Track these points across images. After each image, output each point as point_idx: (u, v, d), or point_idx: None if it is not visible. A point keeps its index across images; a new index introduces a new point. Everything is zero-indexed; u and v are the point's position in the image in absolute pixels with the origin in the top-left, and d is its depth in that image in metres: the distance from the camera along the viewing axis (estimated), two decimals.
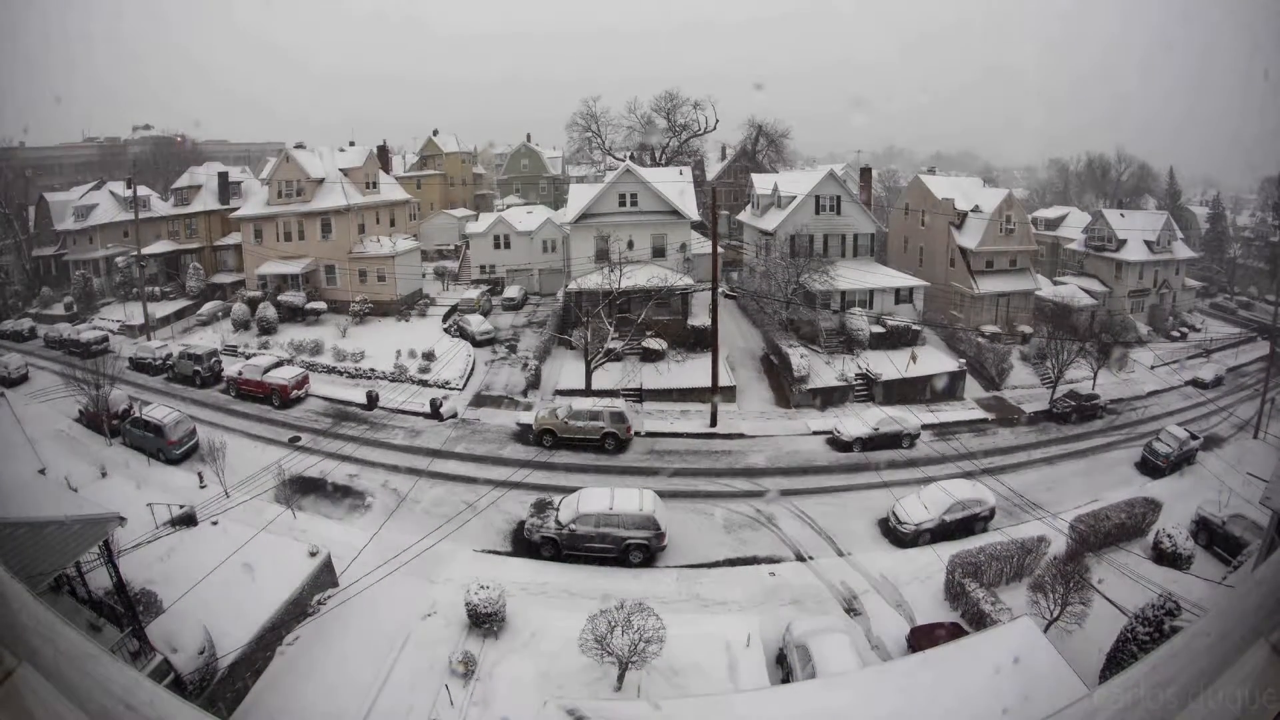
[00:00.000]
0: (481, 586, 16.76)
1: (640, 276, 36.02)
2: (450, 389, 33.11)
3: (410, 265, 45.32)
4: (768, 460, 27.50)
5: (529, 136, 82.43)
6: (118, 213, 51.54)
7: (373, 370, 34.84)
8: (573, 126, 65.81)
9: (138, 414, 27.29)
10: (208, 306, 44.35)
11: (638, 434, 28.48)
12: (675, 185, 41.03)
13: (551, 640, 16.11)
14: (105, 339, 39.81)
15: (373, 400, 31.26)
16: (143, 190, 49.29)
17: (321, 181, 44.00)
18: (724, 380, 31.65)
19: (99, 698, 1.91)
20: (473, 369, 35.53)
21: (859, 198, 43.06)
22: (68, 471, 22.63)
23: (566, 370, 34.18)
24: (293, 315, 41.21)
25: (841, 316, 37.66)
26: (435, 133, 75.10)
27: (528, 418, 29.38)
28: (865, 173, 48.94)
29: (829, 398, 32.70)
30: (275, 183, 44.41)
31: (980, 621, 17.32)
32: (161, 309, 44.28)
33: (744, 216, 49.76)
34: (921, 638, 16.55)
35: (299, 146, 47.35)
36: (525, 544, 21.17)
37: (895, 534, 22.48)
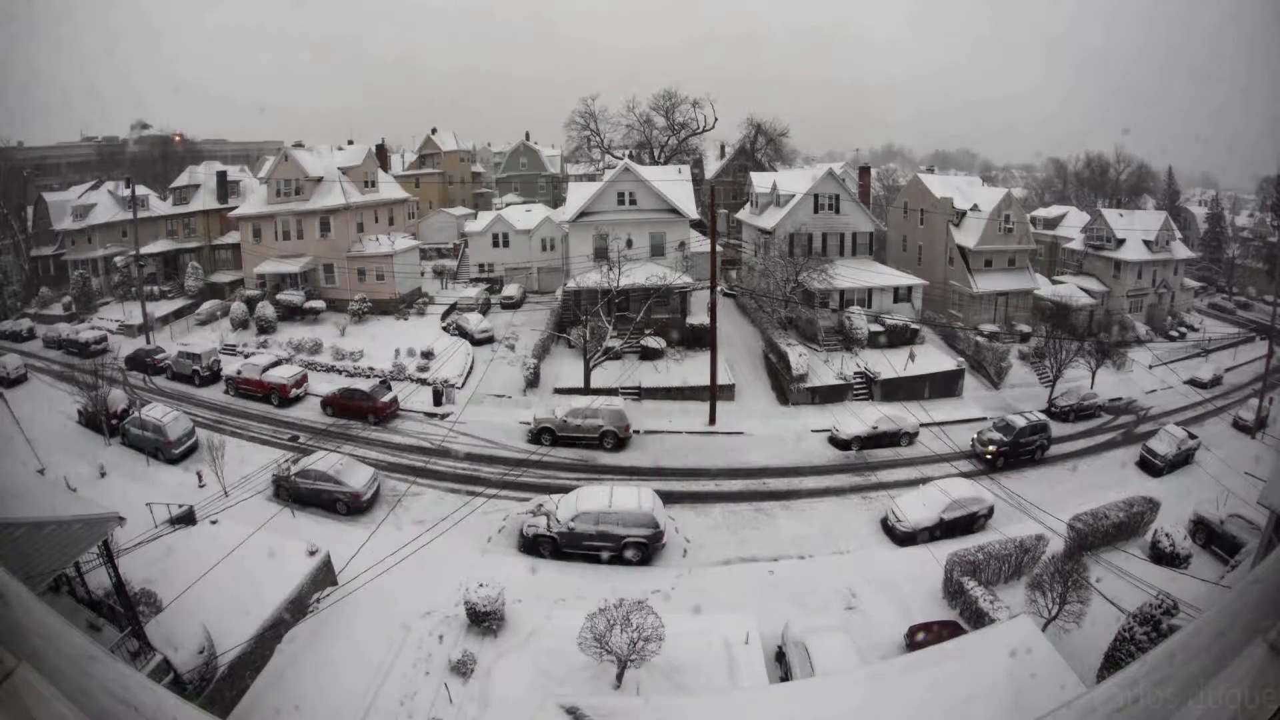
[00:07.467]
0: (480, 585, 16.75)
1: (639, 275, 36.06)
2: (449, 387, 33.10)
3: (409, 264, 45.27)
4: (766, 458, 27.51)
5: (528, 135, 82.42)
6: (116, 212, 51.44)
7: (371, 369, 34.81)
8: (571, 125, 65.83)
9: (137, 413, 27.28)
10: (206, 306, 44.25)
11: (636, 432, 28.48)
12: (674, 184, 41.03)
13: (550, 638, 16.10)
14: (104, 339, 39.75)
15: None
16: (141, 189, 49.14)
17: (320, 180, 43.93)
18: (723, 379, 31.67)
19: (99, 697, 1.91)
20: (471, 367, 35.51)
21: (857, 196, 43.09)
22: (67, 471, 22.62)
23: (565, 369, 34.19)
24: (291, 314, 41.16)
25: (840, 315, 37.69)
26: (434, 131, 75.00)
27: (526, 416, 29.38)
28: (864, 171, 49.06)
29: (828, 396, 32.72)
30: (274, 181, 44.34)
31: (978, 620, 17.34)
32: (160, 308, 44.18)
33: (743, 215, 49.74)
34: (920, 636, 16.56)
35: (298, 145, 47.35)
36: (524, 542, 21.18)
37: (894, 532, 22.52)
